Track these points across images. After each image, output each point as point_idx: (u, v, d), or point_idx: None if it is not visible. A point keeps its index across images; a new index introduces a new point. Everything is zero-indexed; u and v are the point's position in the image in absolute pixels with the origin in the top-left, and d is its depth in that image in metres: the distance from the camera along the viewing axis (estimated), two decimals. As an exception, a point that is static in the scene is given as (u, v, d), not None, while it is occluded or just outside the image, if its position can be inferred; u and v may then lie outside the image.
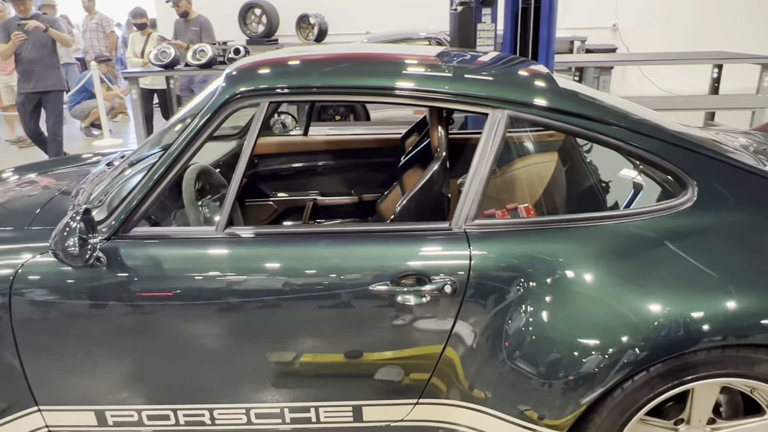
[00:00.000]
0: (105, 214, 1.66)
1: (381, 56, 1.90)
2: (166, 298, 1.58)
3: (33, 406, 1.69)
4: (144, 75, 5.24)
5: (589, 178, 2.07)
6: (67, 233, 1.47)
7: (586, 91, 1.94)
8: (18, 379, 1.65)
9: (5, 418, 1.66)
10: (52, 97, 5.30)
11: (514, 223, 1.64)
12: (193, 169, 1.98)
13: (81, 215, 1.51)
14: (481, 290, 1.57)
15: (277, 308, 1.58)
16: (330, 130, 3.76)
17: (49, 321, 1.60)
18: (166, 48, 4.51)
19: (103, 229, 1.63)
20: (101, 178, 1.99)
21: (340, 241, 1.61)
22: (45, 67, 5.21)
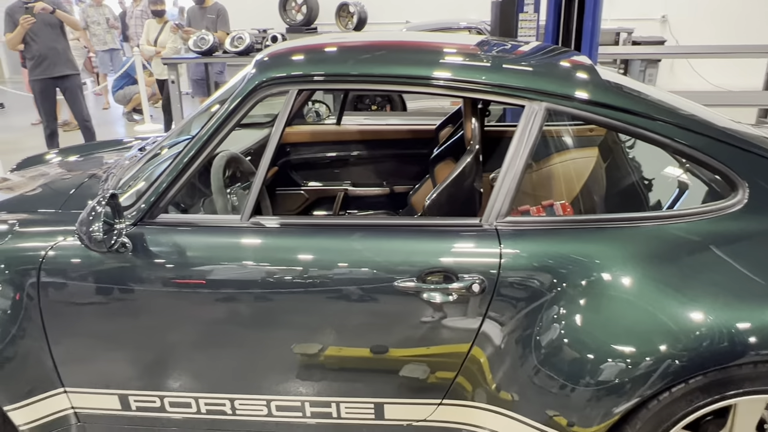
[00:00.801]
0: (133, 199, 1.66)
1: (414, 44, 1.84)
2: (189, 286, 1.57)
3: (59, 387, 1.71)
4: (184, 62, 5.30)
5: (630, 175, 1.98)
6: (93, 218, 1.47)
7: (632, 84, 1.85)
8: (45, 360, 1.67)
9: (33, 398, 1.69)
10: (68, 82, 5.14)
11: (548, 221, 1.57)
12: (222, 157, 1.96)
13: (107, 200, 1.51)
14: (511, 290, 1.51)
15: (299, 300, 1.56)
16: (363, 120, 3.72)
17: (75, 304, 1.61)
18: (204, 35, 4.53)
19: (130, 214, 1.62)
20: (132, 163, 1.99)
21: (365, 234, 1.57)
22: (57, 53, 5.02)
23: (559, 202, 1.82)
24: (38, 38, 4.92)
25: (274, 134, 1.63)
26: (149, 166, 1.85)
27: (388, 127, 2.93)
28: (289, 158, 2.97)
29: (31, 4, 4.75)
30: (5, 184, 2.29)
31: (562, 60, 1.83)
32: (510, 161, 1.56)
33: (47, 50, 4.98)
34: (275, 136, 1.63)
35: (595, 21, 3.26)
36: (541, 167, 2.35)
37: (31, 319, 1.63)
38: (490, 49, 1.82)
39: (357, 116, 4.44)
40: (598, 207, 2.03)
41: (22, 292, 1.62)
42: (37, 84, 5.09)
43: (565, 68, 1.74)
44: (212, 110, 1.69)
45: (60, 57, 5.04)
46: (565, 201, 1.83)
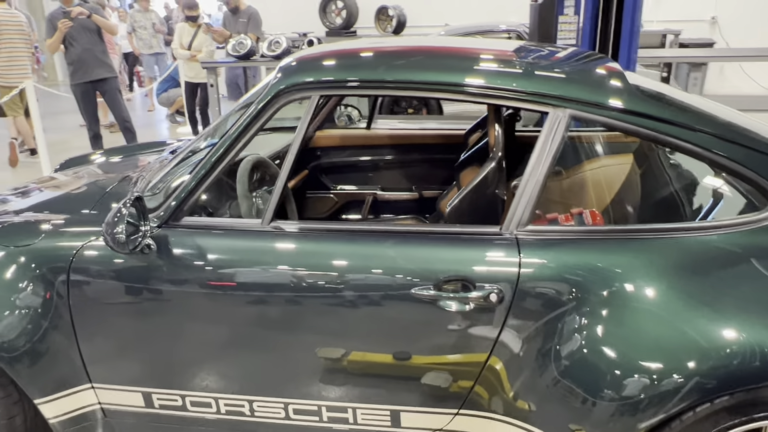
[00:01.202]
0: (159, 202, 1.70)
1: (439, 49, 1.83)
2: (210, 288, 1.60)
3: (87, 383, 1.76)
4: (223, 65, 5.42)
5: (668, 184, 1.92)
6: (117, 220, 1.52)
7: (666, 90, 1.79)
8: (74, 357, 1.73)
9: (61, 392, 1.75)
10: (106, 85, 5.30)
11: (570, 231, 1.54)
12: (248, 161, 1.99)
13: (131, 202, 1.55)
14: (530, 301, 1.48)
15: (317, 305, 1.57)
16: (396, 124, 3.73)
17: (102, 303, 1.66)
18: (243, 39, 4.62)
19: (156, 216, 1.67)
20: (161, 166, 2.05)
21: (383, 240, 1.57)
22: (94, 57, 5.19)
23: (588, 210, 1.78)
24: (76, 42, 5.11)
25: (296, 139, 1.64)
26: (177, 169, 1.90)
27: (418, 131, 2.92)
28: (319, 162, 3.00)
29: (68, 9, 4.94)
30: (48, 183, 2.39)
31: (591, 66, 1.79)
32: (532, 169, 1.53)
33: (85, 54, 5.17)
34: (297, 140, 1.64)
35: (634, 23, 3.18)
36: (572, 174, 2.29)
37: (61, 316, 1.69)
38: (519, 55, 1.80)
39: (392, 120, 4.44)
40: (631, 216, 1.97)
41: (53, 290, 1.68)
42: (77, 88, 5.29)
43: (592, 74, 1.70)
44: (236, 115, 1.72)
45: (97, 61, 5.23)
46: (595, 209, 1.79)
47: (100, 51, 5.26)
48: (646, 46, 6.69)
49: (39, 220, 1.83)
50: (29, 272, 1.68)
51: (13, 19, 5.82)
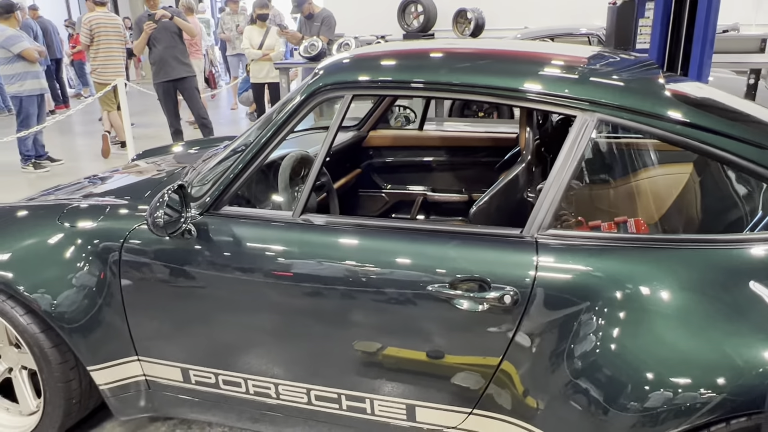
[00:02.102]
0: (203, 191, 1.83)
1: (475, 52, 1.85)
2: (243, 273, 1.71)
3: (134, 355, 1.93)
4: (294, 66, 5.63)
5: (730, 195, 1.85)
6: (159, 205, 1.65)
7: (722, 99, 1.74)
8: (123, 331, 1.89)
9: (111, 362, 1.92)
10: (186, 83, 5.66)
11: (593, 237, 1.52)
12: (291, 157, 2.10)
13: (174, 190, 1.69)
14: (545, 304, 1.48)
15: (337, 297, 1.63)
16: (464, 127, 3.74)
17: (148, 283, 1.82)
18: (314, 41, 4.79)
19: (198, 205, 1.80)
20: (212, 158, 2.19)
21: (405, 237, 1.62)
22: (174, 57, 5.56)
23: (633, 219, 1.75)
24: (159, 43, 5.50)
25: (328, 137, 1.72)
26: (224, 161, 2.03)
27: (470, 134, 2.94)
28: (371, 161, 3.08)
29: (153, 12, 5.36)
30: (127, 169, 2.63)
31: (630, 73, 1.76)
32: (556, 172, 1.53)
33: (167, 55, 5.55)
34: (329, 138, 1.72)
35: (708, 27, 3.03)
36: (624, 183, 2.24)
37: (113, 294, 1.86)
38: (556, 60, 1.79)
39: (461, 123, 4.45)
40: (685, 227, 1.91)
41: (106, 269, 1.85)
42: (159, 87, 5.69)
43: (624, 80, 1.67)
44: (275, 113, 1.83)
45: (177, 61, 5.61)
46: (641, 218, 1.75)
47: (180, 52, 5.63)
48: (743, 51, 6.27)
49: (102, 204, 2.01)
50: (87, 252, 1.87)
51: (111, 21, 6.34)
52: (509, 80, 1.60)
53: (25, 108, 5.81)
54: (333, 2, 8.17)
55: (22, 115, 5.82)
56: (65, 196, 2.22)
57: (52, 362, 1.91)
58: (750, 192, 1.76)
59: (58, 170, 6.08)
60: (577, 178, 1.61)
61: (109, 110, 6.52)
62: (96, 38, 6.19)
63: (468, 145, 2.93)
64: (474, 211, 1.77)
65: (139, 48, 5.59)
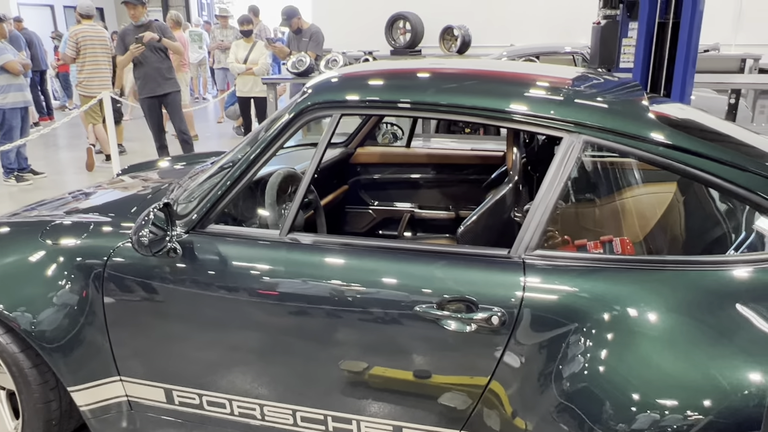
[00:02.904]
0: (189, 209, 1.82)
1: (462, 72, 1.86)
2: (228, 293, 1.69)
3: (116, 375, 1.89)
4: (281, 81, 5.65)
5: (714, 214, 1.87)
6: (144, 224, 1.64)
7: (702, 120, 1.76)
8: (105, 350, 1.86)
9: (92, 382, 1.88)
10: (170, 99, 5.64)
11: (581, 258, 1.53)
12: (278, 174, 2.09)
13: (159, 208, 1.67)
14: (533, 325, 1.48)
15: (326, 316, 1.62)
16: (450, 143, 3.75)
17: (131, 302, 1.79)
18: (302, 57, 4.81)
19: (184, 223, 1.78)
20: (198, 174, 2.18)
21: (392, 257, 1.61)
22: (160, 73, 5.53)
23: (619, 238, 1.76)
24: (145, 61, 5.48)
25: (316, 155, 1.72)
26: (211, 178, 2.01)
27: (457, 151, 2.95)
28: (358, 178, 3.08)
29: (141, 35, 5.32)
30: (112, 185, 2.60)
31: (615, 95, 1.78)
32: (543, 193, 1.54)
33: (153, 71, 5.53)
34: (317, 157, 1.72)
35: (690, 48, 3.09)
36: (609, 202, 2.26)
37: (95, 313, 1.83)
38: (542, 81, 1.81)
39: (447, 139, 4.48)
40: (670, 247, 1.92)
41: (89, 286, 1.82)
42: (144, 102, 5.65)
43: (609, 102, 1.69)
44: (263, 130, 1.82)
45: (163, 78, 5.59)
46: (627, 237, 1.76)
47: (166, 68, 5.63)
48: (723, 71, 6.40)
49: (85, 221, 1.99)
50: (70, 270, 1.84)
51: (98, 34, 6.31)
52: (495, 101, 1.61)
53: (8, 120, 5.75)
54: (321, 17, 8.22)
55: (5, 127, 5.76)
56: (48, 212, 2.19)
57: (31, 383, 1.87)
58: (733, 211, 1.78)
59: (42, 183, 6.01)
60: (564, 197, 1.62)
61: (95, 123, 6.48)
62: (82, 51, 6.15)
63: (455, 162, 2.94)
64: (462, 230, 1.78)
65: (122, 65, 5.57)
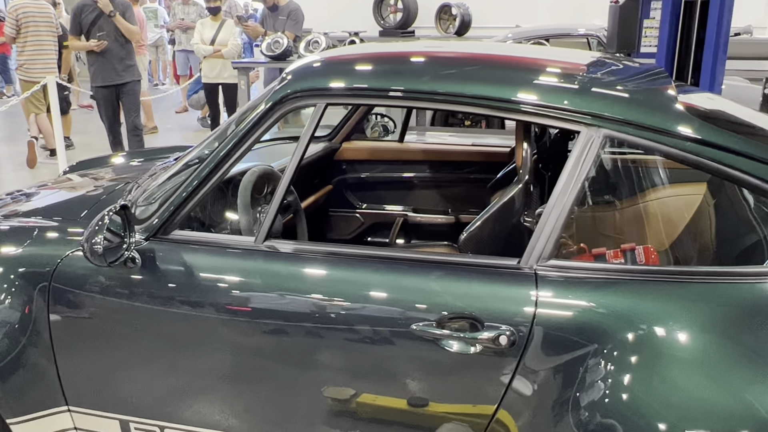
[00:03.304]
0: (149, 213, 1.81)
1: (463, 56, 1.88)
2: (195, 309, 1.69)
3: (63, 405, 1.88)
4: (255, 66, 5.64)
5: (748, 219, 1.89)
6: (97, 229, 1.63)
7: (740, 113, 1.79)
8: (51, 375, 1.84)
9: (37, 413, 1.86)
10: (128, 89, 5.55)
11: (600, 269, 1.54)
12: (253, 173, 2.09)
13: (116, 211, 1.66)
14: (546, 346, 1.49)
15: (308, 335, 1.62)
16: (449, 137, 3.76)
17: (83, 320, 1.78)
18: (279, 38, 4.80)
19: (144, 228, 1.77)
20: (159, 173, 2.17)
21: (384, 267, 1.62)
22: (119, 59, 5.43)
23: (642, 246, 1.77)
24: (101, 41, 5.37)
25: (297, 151, 1.72)
26: (175, 177, 2.01)
27: (456, 147, 2.97)
28: (344, 176, 3.08)
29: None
30: (58, 184, 2.58)
31: (638, 83, 1.80)
32: (558, 194, 1.55)
33: (110, 57, 5.43)
34: (298, 152, 1.72)
35: (721, 31, 3.13)
36: (630, 205, 2.28)
37: (39, 332, 1.81)
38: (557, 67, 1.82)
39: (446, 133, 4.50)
40: (699, 255, 1.94)
41: (32, 302, 1.81)
42: (99, 91, 5.56)
43: (630, 90, 1.71)
44: (235, 123, 1.82)
45: (122, 64, 5.49)
46: (651, 245, 1.78)
47: (126, 54, 5.51)
48: (757, 57, 6.47)
49: (28, 226, 1.97)
50: (10, 282, 1.82)
51: (41, 10, 6.26)
52: (501, 90, 1.62)
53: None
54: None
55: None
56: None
57: (-36, 414, 1.85)
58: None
59: (-26, 182, 5.97)
60: (581, 199, 1.64)
61: (37, 113, 6.43)
62: (23, 29, 6.10)
63: (455, 159, 2.96)
64: (464, 237, 1.78)
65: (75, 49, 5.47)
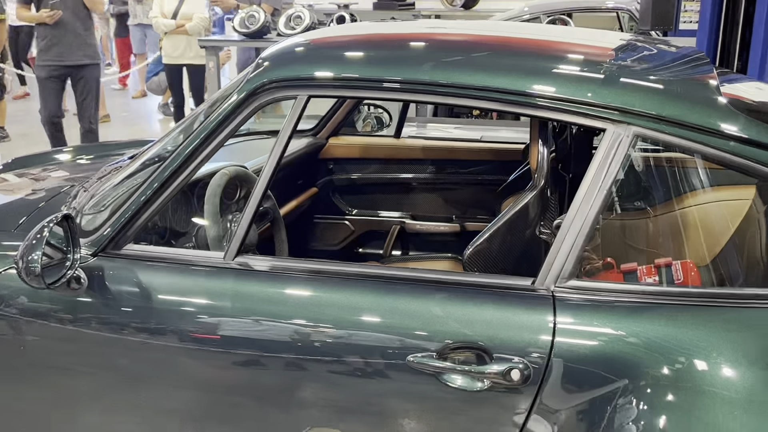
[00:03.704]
0: (97, 224, 1.78)
1: (470, 41, 1.87)
2: (153, 338, 1.67)
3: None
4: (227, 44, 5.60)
5: None
6: (35, 244, 1.59)
7: None
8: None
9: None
10: (84, 72, 5.28)
11: (630, 291, 1.53)
12: (223, 175, 2.06)
13: (57, 222, 1.63)
14: (566, 382, 1.48)
15: (287, 368, 1.61)
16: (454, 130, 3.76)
17: (13, 350, 1.75)
18: (254, 12, 4.77)
19: (91, 242, 1.74)
20: (111, 175, 2.14)
21: (376, 288, 1.60)
22: (76, 35, 5.16)
23: (680, 261, 1.76)
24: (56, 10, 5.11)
25: (276, 148, 1.69)
26: (129, 180, 1.97)
27: (462, 143, 2.97)
28: (331, 177, 3.07)
29: None
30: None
31: (675, 72, 1.79)
32: (580, 204, 1.54)
33: (65, 31, 5.13)
34: (277, 150, 1.69)
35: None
36: (665, 212, 2.27)
37: None
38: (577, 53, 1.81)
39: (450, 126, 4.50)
40: (748, 274, 1.93)
41: None
42: (43, 71, 5.26)
43: (666, 80, 1.70)
44: (203, 115, 1.80)
45: (79, 40, 5.23)
46: (690, 261, 1.77)
47: (84, 29, 5.27)
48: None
49: None
50: None
51: None
52: (514, 81, 1.61)
53: None
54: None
55: None
56: None
57: None
58: None
59: None
60: (607, 207, 1.63)
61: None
62: None
63: (461, 157, 2.96)
64: (470, 252, 1.77)
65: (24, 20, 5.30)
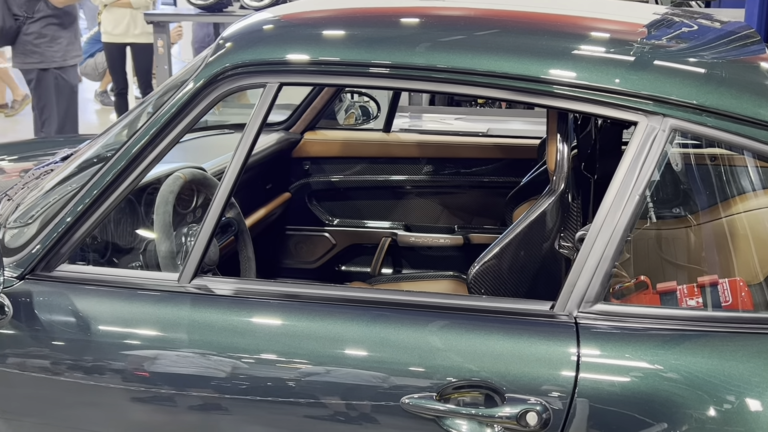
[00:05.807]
0: (24, 240, 1.80)
1: (473, 16, 1.90)
2: (90, 376, 1.68)
3: None
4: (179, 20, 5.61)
5: None
6: None
7: None
8: None
9: None
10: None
11: (671, 316, 1.57)
12: (177, 179, 2.08)
13: None
14: (594, 426, 1.51)
15: (255, 410, 1.64)
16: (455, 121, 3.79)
17: None
18: (212, -20, 4.81)
19: (17, 262, 1.77)
20: (39, 181, 2.16)
21: (362, 315, 1.63)
22: None
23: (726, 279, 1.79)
24: None
25: (242, 146, 1.71)
26: (62, 187, 1.99)
27: (465, 139, 2.99)
28: (308, 180, 3.09)
29: None
30: None
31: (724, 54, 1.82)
32: (608, 210, 1.56)
33: None
34: (242, 150, 1.71)
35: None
36: (709, 220, 2.30)
37: None
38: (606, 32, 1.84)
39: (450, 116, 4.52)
40: None
41: None
42: None
43: (709, 63, 1.73)
44: (152, 106, 1.82)
45: None
46: (740, 278, 1.80)
47: None
48: None
49: None
50: None
51: None
52: (527, 64, 1.63)
53: None
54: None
55: None
56: None
57: None
58: None
59: None
60: (640, 214, 1.65)
61: None
62: None
63: (463, 156, 2.98)
64: (475, 270, 1.80)
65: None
